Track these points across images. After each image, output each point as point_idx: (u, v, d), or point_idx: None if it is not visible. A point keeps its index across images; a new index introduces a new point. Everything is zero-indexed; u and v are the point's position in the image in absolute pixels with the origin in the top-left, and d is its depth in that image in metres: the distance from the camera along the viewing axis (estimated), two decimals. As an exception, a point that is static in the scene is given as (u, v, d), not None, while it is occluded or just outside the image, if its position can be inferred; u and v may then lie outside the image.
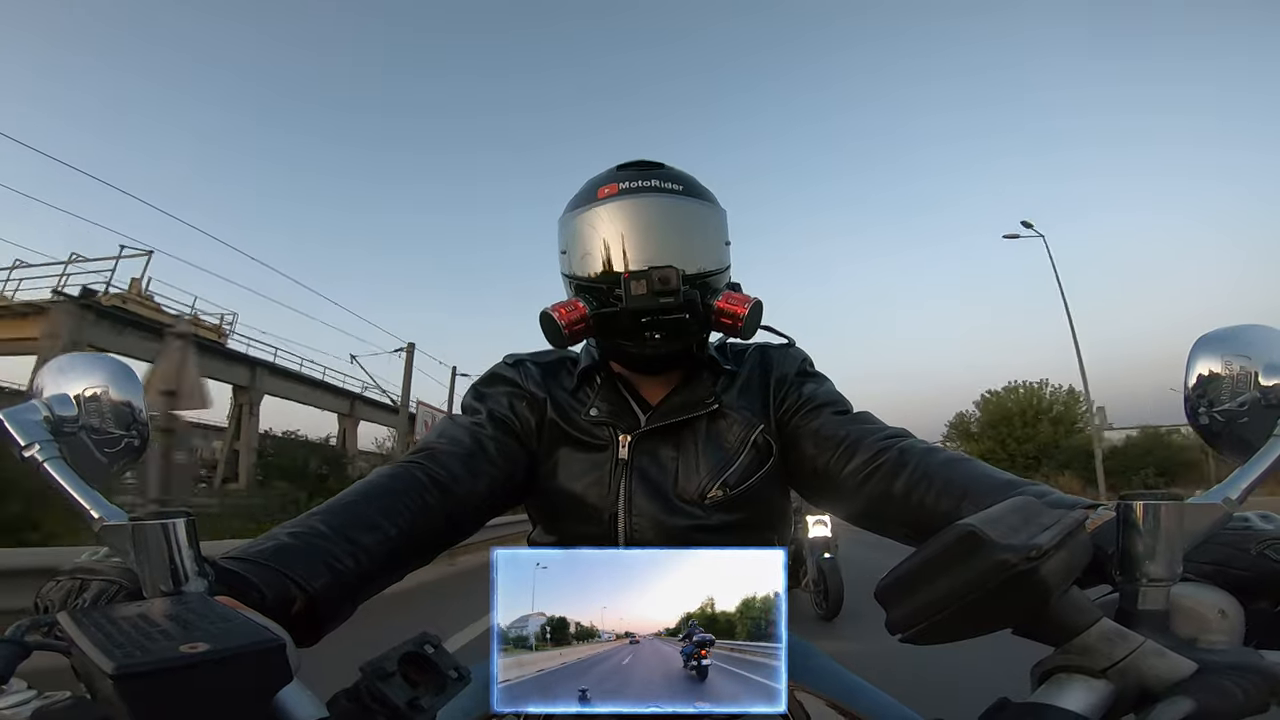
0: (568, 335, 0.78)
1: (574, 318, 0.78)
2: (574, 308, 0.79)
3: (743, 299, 0.79)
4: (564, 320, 0.78)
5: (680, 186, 0.82)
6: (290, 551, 0.56)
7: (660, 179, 0.82)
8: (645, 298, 0.75)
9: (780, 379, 0.85)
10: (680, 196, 0.81)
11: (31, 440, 0.48)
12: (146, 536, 0.42)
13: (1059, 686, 0.39)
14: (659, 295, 0.75)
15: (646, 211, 0.80)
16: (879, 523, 0.73)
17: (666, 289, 0.75)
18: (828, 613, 4.35)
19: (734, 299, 0.79)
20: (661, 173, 0.83)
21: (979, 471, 0.66)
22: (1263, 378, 0.47)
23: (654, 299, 0.75)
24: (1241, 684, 0.35)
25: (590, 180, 0.86)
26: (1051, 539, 0.35)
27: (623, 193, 0.80)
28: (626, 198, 0.80)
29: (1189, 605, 0.40)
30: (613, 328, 0.79)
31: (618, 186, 0.81)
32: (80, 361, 0.55)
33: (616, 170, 0.84)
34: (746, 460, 0.80)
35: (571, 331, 0.78)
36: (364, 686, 0.35)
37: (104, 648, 0.30)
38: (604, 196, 0.81)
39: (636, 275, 0.76)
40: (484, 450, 0.77)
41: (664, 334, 0.77)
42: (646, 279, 0.75)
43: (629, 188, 0.81)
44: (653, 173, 0.82)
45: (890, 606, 0.38)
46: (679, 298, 0.75)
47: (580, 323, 0.78)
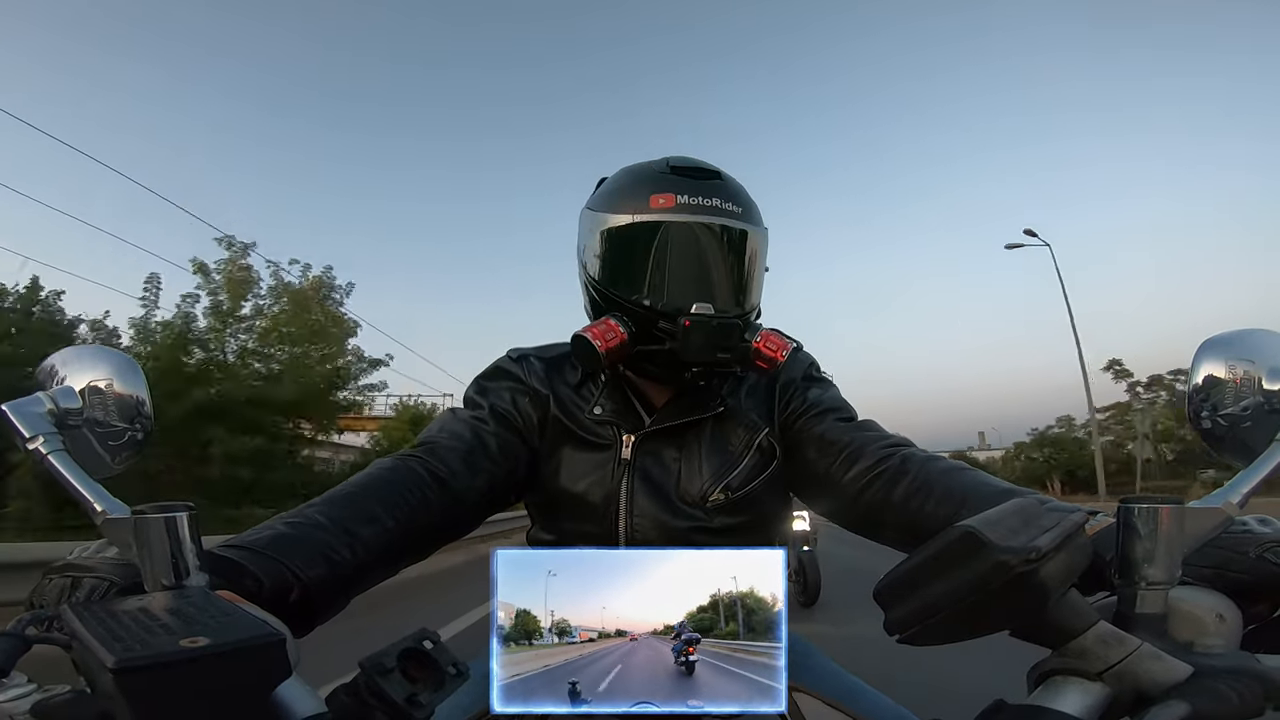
0: (607, 364, 0.74)
1: (614, 345, 0.73)
2: (613, 333, 0.73)
3: (781, 345, 0.75)
4: (604, 347, 0.72)
5: (740, 209, 0.76)
6: (287, 541, 0.55)
7: (721, 197, 0.75)
8: (704, 350, 0.71)
9: (786, 383, 0.84)
10: (741, 222, 0.76)
11: (36, 432, 0.48)
12: (149, 530, 0.42)
13: (1055, 689, 0.39)
14: (717, 349, 0.72)
15: (710, 241, 0.75)
16: (877, 529, 0.73)
17: (726, 344, 0.72)
18: (806, 601, 4.89)
19: (773, 343, 0.74)
20: (722, 188, 0.76)
21: (979, 480, 0.66)
22: (1266, 382, 0.47)
23: (712, 353, 0.72)
24: (1237, 688, 0.35)
25: (634, 175, 0.79)
26: (1051, 541, 0.35)
27: (681, 208, 0.74)
28: (687, 216, 0.74)
29: (1187, 609, 0.40)
30: (653, 360, 0.75)
31: (675, 199, 0.74)
32: (84, 354, 0.55)
33: (671, 174, 0.76)
34: (750, 464, 0.79)
35: (611, 360, 0.74)
36: (363, 682, 0.35)
37: (105, 642, 0.30)
38: (659, 207, 0.74)
39: (698, 324, 0.71)
40: (485, 446, 0.77)
41: (706, 378, 0.77)
42: (705, 331, 0.71)
43: (688, 203, 0.74)
44: (713, 185, 0.76)
45: (889, 607, 0.38)
46: (736, 354, 0.73)
47: (620, 351, 0.74)
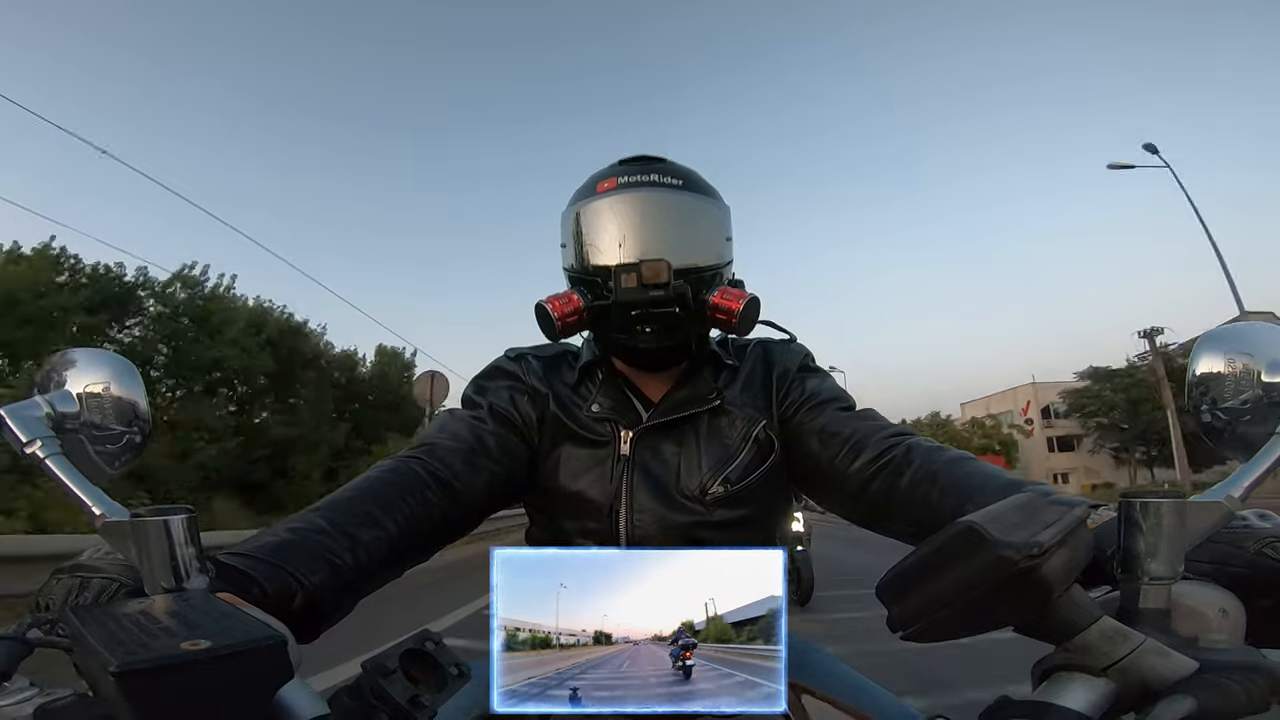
0: (560, 328, 0.78)
1: (567, 310, 0.78)
2: (569, 300, 0.78)
3: (738, 294, 0.79)
4: (558, 313, 0.78)
5: (679, 181, 0.82)
6: (290, 547, 0.56)
7: (660, 173, 0.82)
8: (634, 290, 0.75)
9: (782, 374, 0.85)
10: (678, 191, 0.81)
11: (33, 437, 0.48)
12: (148, 533, 0.42)
13: (1060, 685, 0.39)
14: (648, 288, 0.75)
15: (642, 205, 0.80)
16: (882, 520, 0.73)
17: (656, 282, 0.74)
18: (800, 599, 5.15)
19: (729, 294, 0.78)
20: (662, 167, 0.83)
21: (984, 471, 0.66)
22: (1266, 375, 0.47)
23: (643, 291, 0.75)
24: (1243, 683, 0.35)
25: (592, 175, 0.86)
26: (1053, 536, 0.35)
27: (621, 186, 0.80)
28: (624, 191, 0.80)
29: (1190, 604, 0.40)
30: (606, 321, 0.79)
31: (617, 180, 0.81)
32: (81, 358, 0.55)
33: (618, 165, 0.84)
34: (748, 456, 0.80)
35: (564, 324, 0.78)
36: (365, 683, 0.35)
37: (106, 645, 0.30)
38: (603, 190, 0.81)
39: (626, 268, 0.75)
40: (484, 446, 0.77)
41: (654, 328, 0.77)
42: (636, 272, 0.75)
43: (628, 181, 0.81)
44: (653, 167, 0.82)
45: (891, 604, 0.38)
46: (668, 290, 0.75)
47: (574, 315, 0.78)
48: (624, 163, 0.84)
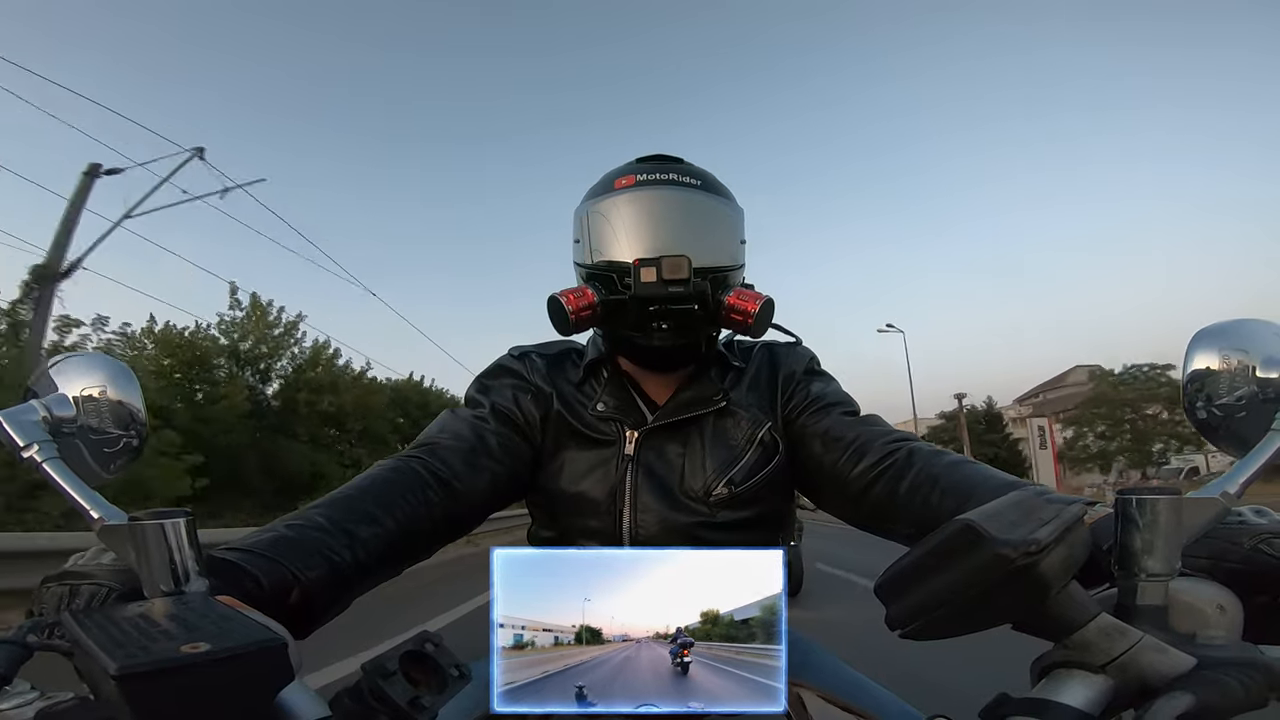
0: (574, 322, 0.77)
1: (582, 304, 0.77)
2: (583, 294, 0.78)
3: (754, 296, 0.78)
4: (572, 306, 0.77)
5: (698, 182, 0.82)
6: (288, 543, 0.56)
7: (678, 173, 0.82)
8: (654, 285, 0.74)
9: (788, 377, 0.85)
10: (696, 190, 0.81)
11: (30, 441, 0.48)
12: (146, 536, 0.42)
13: (1058, 682, 0.39)
14: (668, 283, 0.74)
15: (661, 203, 0.80)
16: (883, 524, 0.73)
17: (676, 277, 0.74)
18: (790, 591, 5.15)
19: (745, 295, 0.78)
20: (680, 167, 0.83)
21: (984, 473, 0.66)
22: (1260, 371, 0.47)
23: (663, 287, 0.74)
24: (1241, 679, 0.35)
25: (608, 172, 0.86)
26: (1050, 534, 0.35)
27: (639, 184, 0.81)
28: (643, 189, 0.80)
29: (1187, 600, 0.40)
30: (621, 317, 0.78)
31: (635, 178, 0.81)
32: (78, 362, 0.55)
33: (636, 163, 0.84)
34: (753, 458, 0.80)
35: (579, 318, 0.77)
36: (366, 685, 0.35)
37: (106, 648, 0.30)
38: (620, 187, 0.81)
39: (646, 263, 0.75)
40: (486, 445, 0.77)
41: (672, 324, 0.77)
42: (656, 266, 0.75)
43: (646, 179, 0.81)
44: (671, 166, 0.83)
45: (889, 602, 0.38)
46: (689, 287, 0.74)
47: (588, 309, 0.77)
48: (642, 161, 0.84)
